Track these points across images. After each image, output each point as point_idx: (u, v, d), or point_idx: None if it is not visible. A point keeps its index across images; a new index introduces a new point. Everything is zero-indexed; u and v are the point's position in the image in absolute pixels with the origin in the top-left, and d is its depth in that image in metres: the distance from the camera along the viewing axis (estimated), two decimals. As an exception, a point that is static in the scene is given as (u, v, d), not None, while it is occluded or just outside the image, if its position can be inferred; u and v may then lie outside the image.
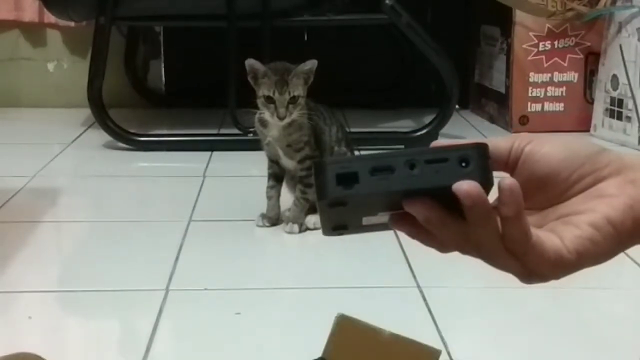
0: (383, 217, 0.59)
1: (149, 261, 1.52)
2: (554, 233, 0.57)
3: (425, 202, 0.55)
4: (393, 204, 0.57)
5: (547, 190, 0.59)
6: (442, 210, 0.56)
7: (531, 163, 0.59)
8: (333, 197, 0.55)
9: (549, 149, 0.59)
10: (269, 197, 1.70)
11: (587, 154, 0.59)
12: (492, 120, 2.77)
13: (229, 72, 2.30)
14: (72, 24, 2.85)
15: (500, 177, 0.58)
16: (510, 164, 0.59)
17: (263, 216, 1.70)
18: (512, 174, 0.59)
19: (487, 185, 0.55)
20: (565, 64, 2.60)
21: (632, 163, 0.59)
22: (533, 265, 0.56)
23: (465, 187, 0.53)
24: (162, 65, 3.06)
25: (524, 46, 2.58)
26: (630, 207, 0.57)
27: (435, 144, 0.57)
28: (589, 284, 1.05)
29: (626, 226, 0.57)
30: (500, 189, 0.55)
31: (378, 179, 0.55)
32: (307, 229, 1.68)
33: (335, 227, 0.62)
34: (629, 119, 2.42)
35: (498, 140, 0.59)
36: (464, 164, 0.54)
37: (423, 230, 0.58)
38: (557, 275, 0.57)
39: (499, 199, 0.55)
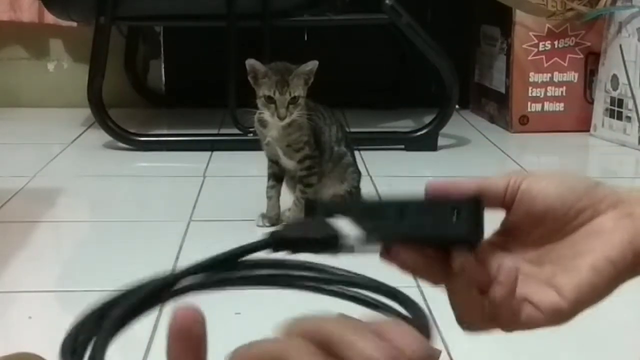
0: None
1: (150, 261, 1.52)
2: (551, 286, 0.57)
3: (410, 252, 0.56)
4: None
5: (545, 226, 0.59)
6: (428, 258, 0.57)
7: (528, 200, 0.58)
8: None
9: (545, 185, 0.58)
10: (269, 197, 1.70)
11: (584, 189, 0.58)
12: (492, 120, 2.77)
13: (229, 72, 2.30)
14: (73, 24, 2.84)
15: (495, 212, 0.59)
16: (507, 202, 0.59)
17: (263, 216, 1.70)
18: (509, 212, 0.59)
19: (477, 240, 0.55)
20: (565, 64, 2.60)
21: (627, 197, 0.58)
22: (528, 326, 0.57)
23: (458, 259, 0.55)
24: (162, 65, 3.06)
25: (524, 46, 2.58)
26: (629, 243, 0.56)
27: (432, 184, 0.57)
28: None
29: (626, 262, 0.57)
30: (501, 268, 0.56)
31: (367, 222, 0.55)
32: (307, 229, 1.67)
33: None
34: (629, 119, 2.42)
35: (494, 179, 0.59)
36: (455, 217, 0.54)
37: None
38: (554, 325, 0.57)
39: (496, 278, 0.56)
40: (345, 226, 0.55)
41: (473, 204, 0.55)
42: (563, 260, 0.58)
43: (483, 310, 0.57)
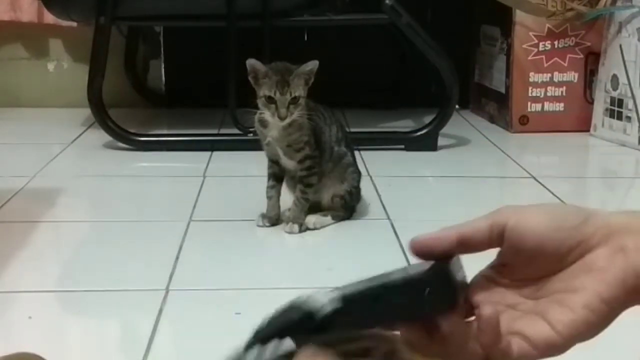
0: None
1: (149, 261, 1.52)
2: (545, 321, 0.57)
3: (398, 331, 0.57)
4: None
5: (538, 264, 0.59)
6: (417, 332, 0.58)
7: (517, 239, 0.58)
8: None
9: (533, 222, 0.58)
10: (269, 197, 1.70)
11: (573, 224, 0.58)
12: (492, 120, 2.77)
13: (229, 72, 2.30)
14: (72, 23, 2.84)
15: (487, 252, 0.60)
16: (494, 241, 0.59)
17: (263, 216, 1.70)
18: (500, 249, 0.59)
19: (453, 305, 0.57)
20: (565, 64, 2.60)
21: (619, 226, 0.58)
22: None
23: (445, 324, 0.57)
24: (162, 65, 3.06)
25: (524, 46, 2.58)
26: (622, 281, 0.56)
27: (414, 243, 0.59)
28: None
29: (619, 300, 0.57)
30: (480, 317, 0.57)
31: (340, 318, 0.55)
32: (307, 229, 1.68)
33: None
34: (629, 119, 2.42)
35: (475, 223, 0.59)
36: (426, 292, 0.56)
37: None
38: (547, 357, 0.58)
39: (478, 326, 0.57)
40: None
41: (439, 276, 0.57)
42: (557, 295, 0.58)
43: (477, 356, 0.58)
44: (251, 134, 2.08)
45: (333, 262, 1.55)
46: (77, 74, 2.83)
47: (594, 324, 0.57)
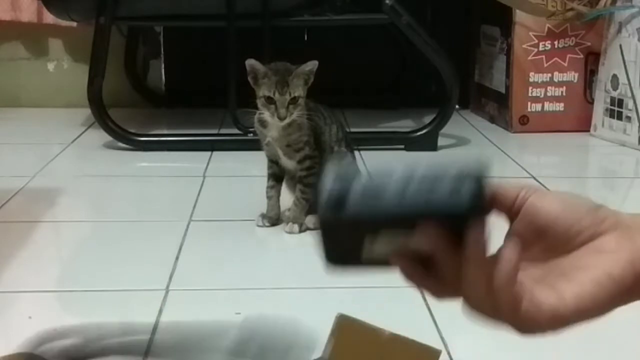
0: (383, 248, 0.59)
1: (149, 261, 1.52)
2: (554, 290, 0.58)
3: (436, 228, 0.56)
4: (394, 228, 0.57)
5: (548, 240, 0.60)
6: (449, 237, 0.57)
7: (532, 213, 0.60)
8: (322, 217, 0.56)
9: (549, 200, 0.61)
10: (269, 197, 1.70)
11: (587, 209, 0.60)
12: (492, 120, 2.77)
13: (229, 72, 2.30)
14: (72, 23, 2.84)
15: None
16: (513, 212, 0.61)
17: (263, 216, 1.70)
18: (512, 221, 0.61)
19: (481, 213, 0.56)
20: (565, 64, 2.60)
21: (628, 222, 0.60)
22: (527, 323, 0.58)
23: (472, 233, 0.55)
24: (162, 65, 3.06)
25: (524, 46, 2.58)
26: (630, 263, 0.58)
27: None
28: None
29: (626, 282, 0.58)
30: (502, 253, 0.57)
31: (368, 202, 0.55)
32: (307, 229, 1.68)
33: (335, 257, 0.61)
34: (629, 119, 2.42)
35: (507, 187, 0.61)
36: (459, 191, 0.55)
37: (420, 269, 0.59)
38: (554, 331, 0.59)
39: (498, 262, 0.57)
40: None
41: (475, 180, 0.55)
42: (566, 273, 0.59)
43: (487, 297, 0.57)
44: (251, 134, 2.08)
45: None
46: (77, 73, 2.83)
47: (600, 301, 0.58)
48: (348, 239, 0.58)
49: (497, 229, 0.60)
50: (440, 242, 0.56)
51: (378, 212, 0.55)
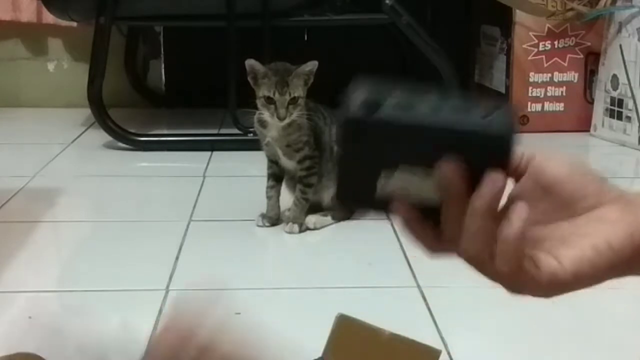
0: (398, 185, 0.58)
1: (149, 261, 1.52)
2: (551, 254, 0.58)
3: (456, 167, 0.56)
4: (415, 156, 0.57)
5: (551, 201, 0.60)
6: (466, 181, 0.56)
7: (538, 171, 0.60)
8: (351, 117, 0.57)
9: (557, 163, 0.61)
10: (268, 197, 1.70)
11: (592, 177, 0.61)
12: (492, 120, 2.77)
13: (228, 72, 2.30)
14: (72, 23, 2.84)
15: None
16: (518, 171, 0.61)
17: (263, 216, 1.70)
18: (518, 180, 0.61)
19: (510, 140, 0.56)
20: (565, 64, 2.59)
21: (631, 198, 0.61)
22: (524, 283, 0.58)
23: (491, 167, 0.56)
24: (162, 65, 3.06)
25: (524, 46, 2.58)
26: (630, 235, 0.58)
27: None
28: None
29: (625, 253, 0.58)
30: (512, 208, 0.57)
31: (399, 111, 0.56)
32: (307, 229, 1.68)
33: (348, 189, 0.60)
34: (629, 119, 2.42)
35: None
36: (491, 118, 0.56)
37: (419, 221, 0.59)
38: (548, 295, 0.59)
39: (507, 215, 0.57)
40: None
41: (506, 109, 0.56)
42: (566, 238, 0.59)
43: (485, 251, 0.57)
44: (251, 134, 2.08)
45: (333, 262, 1.55)
46: (77, 73, 2.83)
47: (598, 269, 0.58)
48: (368, 159, 0.58)
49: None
50: (455, 184, 0.56)
51: (409, 122, 0.56)
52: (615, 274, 0.59)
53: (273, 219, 1.70)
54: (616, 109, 2.46)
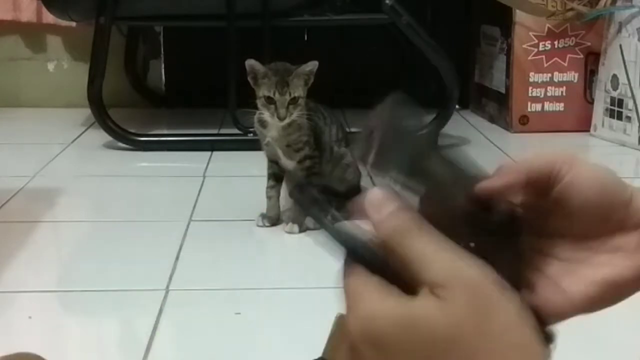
0: None
1: (149, 261, 1.52)
2: (561, 290, 0.55)
3: None
4: None
5: (569, 222, 0.56)
6: None
7: (565, 193, 0.55)
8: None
9: (588, 184, 0.55)
10: (268, 197, 1.70)
11: (622, 200, 0.56)
12: (492, 120, 2.77)
13: (228, 72, 2.30)
14: (72, 23, 2.84)
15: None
16: (547, 192, 0.55)
17: (263, 216, 1.70)
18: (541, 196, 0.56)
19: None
20: (566, 64, 2.59)
21: None
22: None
23: None
24: (162, 65, 3.06)
25: (524, 46, 2.58)
26: None
27: (481, 188, 0.54)
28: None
29: (637, 283, 0.55)
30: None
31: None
32: (307, 229, 1.67)
33: None
34: (629, 119, 2.42)
35: (540, 166, 0.55)
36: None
37: None
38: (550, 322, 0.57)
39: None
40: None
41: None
42: (578, 264, 0.56)
43: None
44: (251, 134, 2.08)
45: (333, 262, 1.54)
46: (77, 73, 2.82)
47: (606, 300, 0.56)
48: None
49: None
50: None
51: None
52: (623, 298, 0.57)
53: (273, 219, 1.70)
54: (616, 109, 2.46)
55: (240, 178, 2.12)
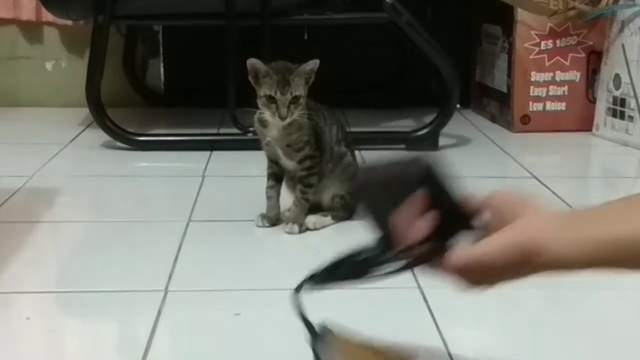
0: None
1: (149, 261, 1.51)
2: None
3: None
4: None
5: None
6: None
7: (498, 207, 0.90)
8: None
9: (508, 202, 0.90)
10: (268, 197, 1.69)
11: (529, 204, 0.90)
12: (493, 119, 2.76)
13: (228, 71, 2.29)
14: (71, 22, 2.84)
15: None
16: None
17: (263, 216, 1.69)
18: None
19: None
20: (567, 63, 2.59)
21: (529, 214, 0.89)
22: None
23: None
24: (161, 64, 3.06)
25: (526, 45, 2.57)
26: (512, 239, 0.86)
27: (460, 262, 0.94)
28: (588, 284, 1.04)
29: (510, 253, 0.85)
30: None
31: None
32: (307, 229, 1.67)
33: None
34: (631, 118, 2.41)
35: (503, 249, 0.86)
36: None
37: None
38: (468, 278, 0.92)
39: None
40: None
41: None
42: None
43: None
44: (251, 134, 2.07)
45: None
46: (76, 73, 2.82)
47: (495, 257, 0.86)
48: None
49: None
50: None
51: None
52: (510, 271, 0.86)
53: (273, 219, 1.69)
54: (618, 109, 2.45)
55: (240, 178, 2.12)
